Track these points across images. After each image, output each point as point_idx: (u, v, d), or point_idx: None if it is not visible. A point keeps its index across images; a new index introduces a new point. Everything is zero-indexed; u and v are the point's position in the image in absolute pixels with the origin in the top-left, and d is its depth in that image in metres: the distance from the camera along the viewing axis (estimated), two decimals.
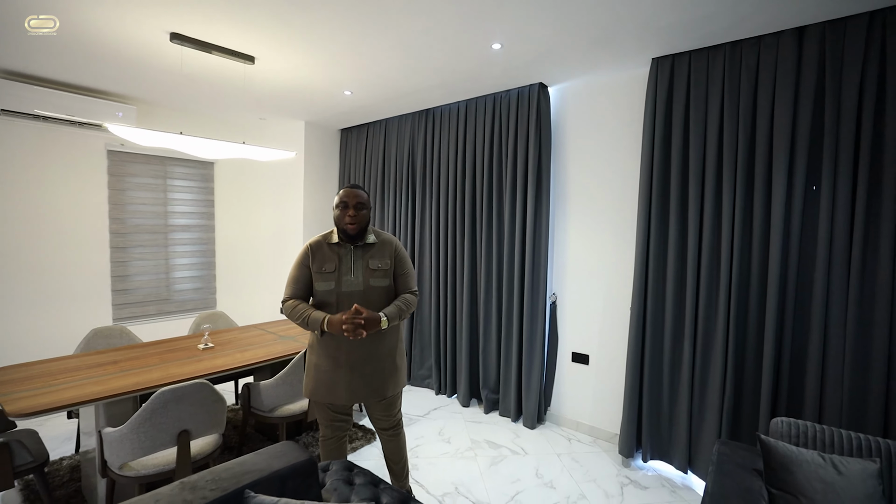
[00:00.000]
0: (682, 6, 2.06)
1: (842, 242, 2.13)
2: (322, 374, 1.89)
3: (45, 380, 2.08)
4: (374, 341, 1.90)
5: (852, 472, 1.50)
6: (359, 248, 1.94)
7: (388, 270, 1.96)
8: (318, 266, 1.91)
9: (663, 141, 2.65)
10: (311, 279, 1.92)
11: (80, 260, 3.65)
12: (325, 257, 1.92)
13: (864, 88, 2.08)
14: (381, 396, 1.95)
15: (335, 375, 1.87)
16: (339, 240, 1.93)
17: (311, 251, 1.93)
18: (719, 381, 2.44)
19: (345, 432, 2.05)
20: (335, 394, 1.88)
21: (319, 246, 1.95)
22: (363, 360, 1.89)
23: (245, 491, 1.20)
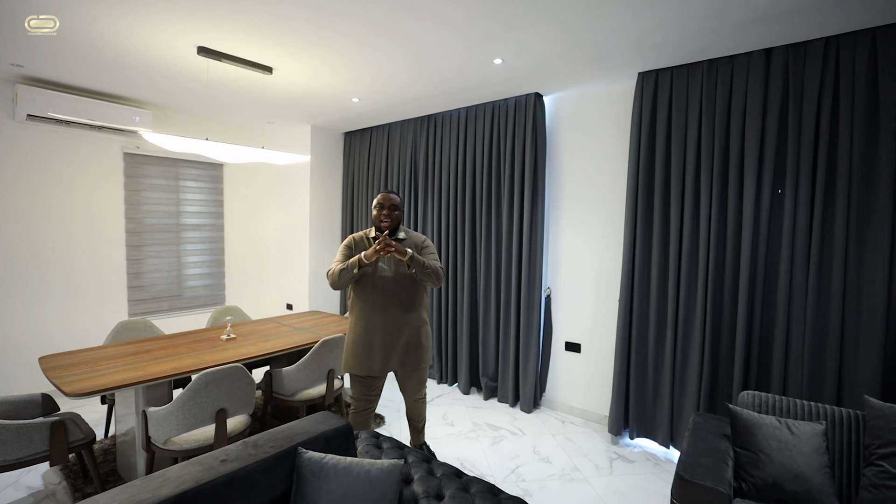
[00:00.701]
0: (665, 29, 2.33)
1: (802, 239, 2.42)
2: (359, 350, 2.26)
3: (90, 366, 2.28)
4: (404, 321, 2.28)
5: (803, 432, 1.78)
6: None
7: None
8: (355, 254, 2.23)
9: (648, 147, 2.93)
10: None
11: (99, 257, 3.82)
12: (365, 248, 2.28)
13: (821, 104, 2.37)
14: (409, 367, 2.34)
15: (371, 350, 2.25)
16: (375, 235, 2.29)
17: (354, 242, 2.33)
18: (697, 363, 2.72)
19: (373, 406, 2.40)
20: (371, 366, 2.26)
21: (361, 239, 2.34)
22: (393, 338, 2.26)
23: (297, 448, 1.43)
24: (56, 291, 3.60)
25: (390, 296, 2.25)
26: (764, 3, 2.04)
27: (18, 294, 3.42)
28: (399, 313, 2.27)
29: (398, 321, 2.26)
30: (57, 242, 3.59)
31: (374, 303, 2.25)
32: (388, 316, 2.25)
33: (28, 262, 3.46)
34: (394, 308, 2.26)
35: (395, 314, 2.26)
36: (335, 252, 4.99)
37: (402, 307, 2.27)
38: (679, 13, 2.15)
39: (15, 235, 3.39)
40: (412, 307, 2.30)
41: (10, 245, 3.37)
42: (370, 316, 2.26)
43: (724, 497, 1.56)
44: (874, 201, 2.25)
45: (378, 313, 2.25)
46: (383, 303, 2.25)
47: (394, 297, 2.26)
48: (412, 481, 1.50)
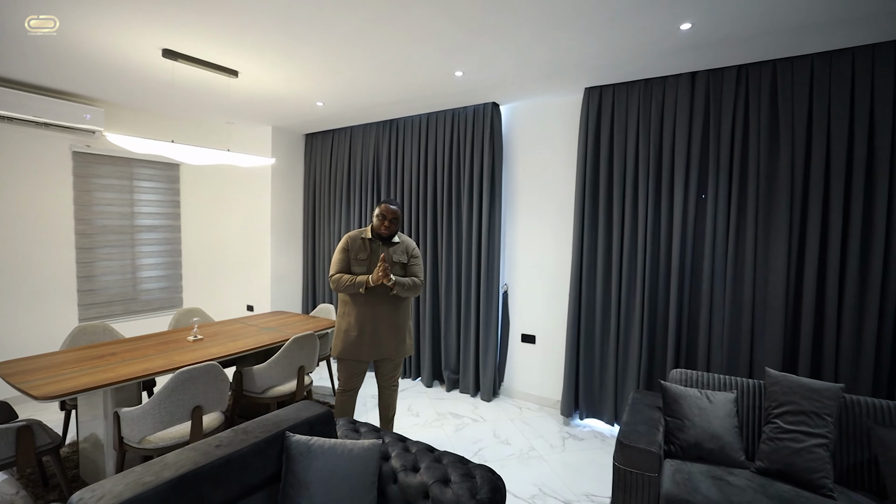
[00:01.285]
0: (607, 54, 2.62)
1: (721, 237, 2.81)
2: (351, 338, 2.52)
3: (53, 370, 2.25)
4: (391, 316, 2.55)
5: (718, 401, 2.11)
6: (386, 245, 2.58)
7: (405, 264, 2.61)
8: (354, 254, 2.54)
9: (593, 155, 3.24)
10: (349, 263, 2.54)
11: (46, 260, 3.66)
12: (359, 248, 2.54)
13: (735, 122, 2.77)
14: (391, 357, 2.60)
15: (361, 338, 2.51)
16: (371, 237, 2.56)
17: (350, 241, 2.57)
18: (637, 348, 3.07)
19: (358, 386, 2.64)
20: (361, 352, 2.52)
21: (355, 239, 2.58)
22: (382, 331, 2.54)
23: (285, 432, 1.56)
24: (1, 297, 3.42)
25: (381, 294, 2.51)
26: (686, 37, 2.38)
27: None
28: (387, 311, 2.54)
29: (386, 317, 2.54)
30: (1, 244, 3.41)
31: (367, 300, 2.50)
32: (378, 312, 2.52)
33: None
34: (383, 304, 2.53)
35: (384, 311, 2.53)
36: (298, 252, 5.03)
37: (391, 305, 2.55)
38: (618, 41, 2.45)
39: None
40: (398, 307, 2.59)
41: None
42: (362, 309, 2.51)
43: (655, 456, 1.85)
44: (776, 204, 2.66)
45: (370, 308, 2.51)
46: (375, 299, 2.51)
47: (384, 295, 2.51)
48: (390, 458, 1.67)
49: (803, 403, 1.96)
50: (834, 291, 2.52)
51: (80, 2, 2.10)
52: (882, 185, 2.41)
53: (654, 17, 2.19)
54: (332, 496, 1.45)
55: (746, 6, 2.05)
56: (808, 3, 2.02)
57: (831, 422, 1.90)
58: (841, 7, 2.05)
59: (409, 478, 1.58)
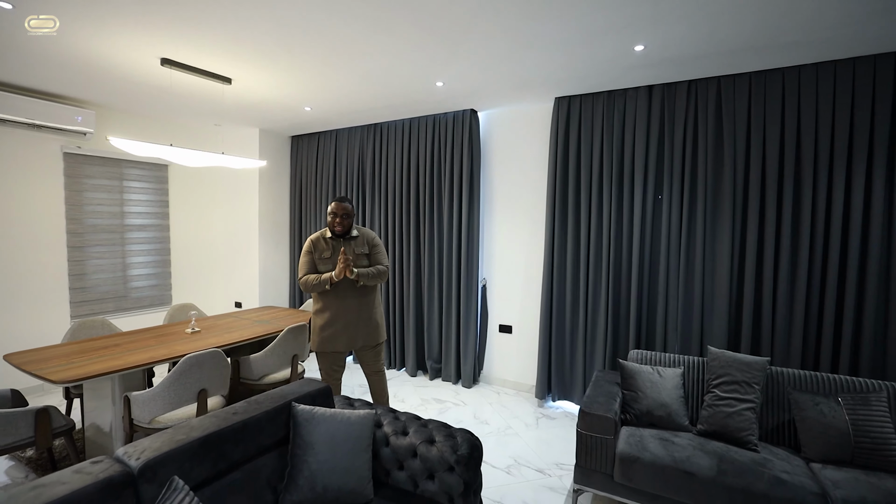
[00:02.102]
0: (573, 68, 2.92)
1: (675, 233, 3.15)
2: (327, 332, 2.67)
3: (62, 360, 2.41)
4: (361, 306, 2.70)
5: (667, 375, 2.43)
6: (346, 240, 2.73)
7: (367, 254, 2.77)
8: (318, 254, 2.68)
9: (563, 159, 3.55)
10: (314, 264, 2.69)
11: (38, 259, 3.75)
12: (323, 248, 2.69)
13: (686, 131, 3.11)
14: (368, 344, 2.77)
15: (336, 331, 2.66)
16: (331, 235, 2.71)
17: (313, 244, 2.71)
18: (603, 334, 3.39)
19: (339, 376, 2.82)
20: (337, 343, 2.67)
21: (318, 240, 2.72)
22: (355, 320, 2.70)
23: (291, 403, 1.79)
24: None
25: (349, 288, 2.67)
26: (640, 56, 2.69)
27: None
28: (357, 300, 2.70)
29: (357, 305, 2.70)
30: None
31: (337, 293, 2.66)
32: (348, 303, 2.68)
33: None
34: (352, 296, 2.69)
35: (354, 301, 2.69)
36: (285, 251, 5.20)
37: (359, 297, 2.71)
38: (581, 59, 2.75)
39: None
40: (366, 293, 2.75)
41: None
42: (334, 303, 2.66)
43: (611, 422, 2.15)
44: (721, 205, 3.01)
45: (340, 301, 2.67)
46: (344, 293, 2.67)
47: (351, 289, 2.68)
48: (382, 425, 1.92)
49: (736, 374, 2.29)
50: (769, 281, 2.88)
51: (83, 12, 2.27)
52: (807, 188, 2.78)
53: (610, 41, 2.49)
54: (333, 455, 1.69)
55: (690, 32, 2.37)
56: (741, 30, 2.35)
57: (758, 389, 2.24)
58: (766, 35, 2.39)
59: (400, 440, 1.83)
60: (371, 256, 2.79)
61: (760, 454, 2.08)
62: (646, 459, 2.07)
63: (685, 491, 1.97)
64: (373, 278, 2.69)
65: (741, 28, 2.31)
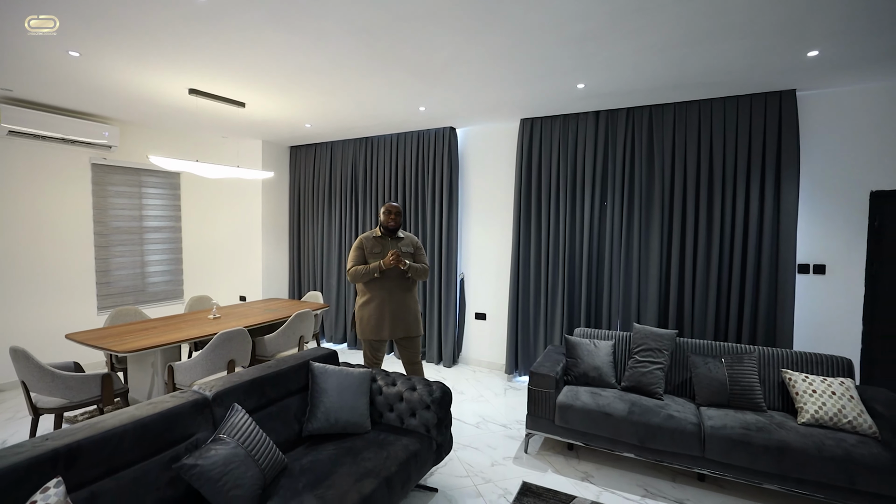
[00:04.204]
0: (532, 97, 3.56)
1: (617, 233, 3.82)
2: (372, 321, 2.98)
3: (117, 338, 2.97)
4: (403, 298, 3.03)
5: (601, 346, 3.09)
6: (394, 240, 3.09)
7: (412, 254, 3.12)
8: (369, 251, 3.01)
9: (527, 170, 4.20)
10: (364, 258, 3.02)
11: (69, 257, 4.27)
12: (373, 244, 3.04)
13: (626, 150, 3.78)
14: (408, 335, 3.07)
15: (381, 320, 2.98)
16: (380, 234, 3.08)
17: (364, 240, 3.05)
18: (559, 318, 4.05)
19: (380, 363, 3.13)
20: (382, 332, 2.99)
21: (368, 238, 3.07)
22: (398, 311, 3.01)
23: (309, 362, 2.40)
24: (33, 288, 4.02)
25: (395, 281, 2.98)
26: (582, 91, 3.35)
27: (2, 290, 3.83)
28: (401, 294, 3.01)
29: (401, 298, 3.01)
30: (32, 244, 4.02)
31: (384, 286, 2.97)
32: (393, 296, 2.98)
33: (7, 263, 3.86)
34: (397, 289, 3.00)
35: (399, 295, 3.00)
36: (285, 249, 5.77)
37: (403, 290, 3.02)
38: (537, 91, 3.40)
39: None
40: (409, 290, 3.07)
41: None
42: (380, 294, 2.97)
43: (553, 379, 2.80)
44: (652, 209, 3.69)
45: (386, 294, 2.97)
46: (390, 286, 2.98)
47: (397, 282, 2.99)
48: (377, 380, 2.53)
49: (651, 343, 2.96)
50: (689, 271, 3.57)
51: (127, 52, 2.84)
52: (717, 198, 3.47)
53: (558, 80, 3.15)
54: (341, 397, 2.30)
55: (616, 75, 3.04)
56: (655, 74, 3.02)
57: (667, 354, 2.91)
58: (675, 77, 3.06)
59: (390, 389, 2.45)
60: (415, 256, 3.13)
61: (663, 401, 2.74)
62: (577, 406, 2.72)
63: (604, 427, 2.63)
64: (419, 273, 3.03)
65: (655, 72, 2.97)
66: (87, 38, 2.52)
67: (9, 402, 3.64)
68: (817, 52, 2.60)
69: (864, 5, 2.09)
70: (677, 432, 2.47)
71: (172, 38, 2.51)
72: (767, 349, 2.85)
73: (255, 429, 1.86)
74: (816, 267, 3.35)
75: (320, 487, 1.78)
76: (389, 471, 1.95)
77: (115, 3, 2.13)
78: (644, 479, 2.62)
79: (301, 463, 1.97)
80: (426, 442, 2.26)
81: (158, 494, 1.59)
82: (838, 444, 2.22)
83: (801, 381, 2.58)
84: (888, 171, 3.15)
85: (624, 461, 2.81)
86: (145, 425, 1.63)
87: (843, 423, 2.35)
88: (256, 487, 1.70)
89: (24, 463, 1.33)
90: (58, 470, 1.38)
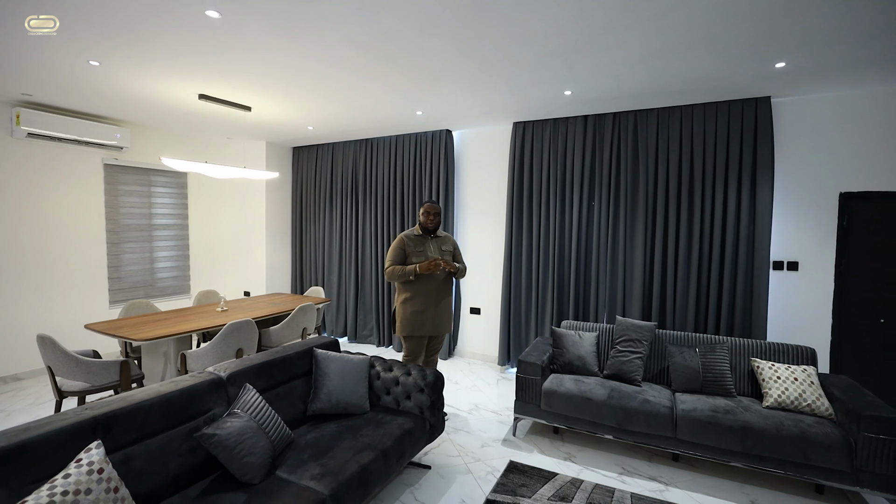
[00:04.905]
0: (523, 102, 3.77)
1: (604, 231, 4.03)
2: (415, 318, 3.08)
3: (133, 328, 3.18)
4: (444, 298, 3.16)
5: (585, 337, 3.30)
6: (433, 239, 3.21)
7: (451, 252, 3.27)
8: (412, 249, 3.11)
9: (519, 172, 4.41)
10: (405, 257, 3.11)
11: (83, 253, 4.47)
12: (417, 244, 3.14)
13: (612, 152, 3.98)
14: (445, 331, 3.22)
15: (424, 318, 3.09)
16: (420, 233, 3.19)
17: (405, 239, 3.14)
18: (549, 311, 4.26)
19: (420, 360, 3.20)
20: (424, 328, 3.10)
21: (409, 236, 3.16)
22: (439, 309, 3.14)
23: (313, 349, 2.61)
24: (50, 282, 4.23)
25: (439, 282, 3.12)
26: (569, 98, 3.55)
27: (17, 285, 4.04)
28: (443, 293, 3.15)
29: (442, 299, 3.15)
30: (50, 241, 4.22)
31: (429, 286, 3.08)
32: (437, 295, 3.11)
33: (25, 258, 4.07)
34: (441, 290, 3.13)
35: (441, 294, 3.14)
36: (287, 246, 5.97)
37: (445, 289, 3.17)
38: (528, 97, 3.60)
39: (13, 235, 4.00)
40: (448, 291, 3.21)
41: (9, 243, 3.98)
42: (424, 294, 3.07)
43: (539, 367, 3.01)
44: (637, 209, 3.90)
45: (432, 293, 3.09)
46: (435, 286, 3.09)
47: (441, 283, 3.13)
48: (375, 366, 2.74)
49: (632, 334, 3.17)
50: (672, 267, 3.78)
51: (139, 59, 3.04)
52: (697, 198, 3.67)
53: (545, 88, 3.35)
54: (342, 381, 2.51)
55: (601, 84, 3.24)
56: (637, 82, 3.22)
57: (646, 344, 3.12)
58: (657, 85, 3.27)
59: (387, 374, 2.66)
60: (455, 256, 3.28)
61: (641, 387, 2.95)
62: (561, 392, 2.93)
63: (586, 411, 2.84)
64: (461, 272, 3.20)
65: (635, 81, 3.18)
66: (107, 49, 2.72)
67: (28, 389, 3.86)
68: (784, 63, 2.80)
69: (822, 22, 2.28)
70: (652, 415, 2.68)
71: (186, 49, 2.71)
72: (739, 340, 3.06)
73: (265, 406, 2.07)
74: (790, 264, 3.55)
75: (324, 458, 1.99)
76: (385, 445, 2.16)
77: (136, 19, 2.33)
78: (622, 459, 2.83)
79: (306, 438, 2.18)
80: (420, 422, 2.47)
81: (181, 460, 1.80)
82: (796, 424, 2.43)
83: (768, 368, 2.79)
84: (856, 173, 3.35)
85: (604, 443, 3.03)
86: (169, 399, 1.84)
87: (803, 406, 2.56)
88: (267, 456, 1.91)
89: (70, 427, 1.54)
90: (97, 434, 1.59)
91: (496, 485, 2.52)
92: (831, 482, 2.33)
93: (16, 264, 4.02)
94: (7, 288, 3.98)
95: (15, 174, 3.99)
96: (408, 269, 3.02)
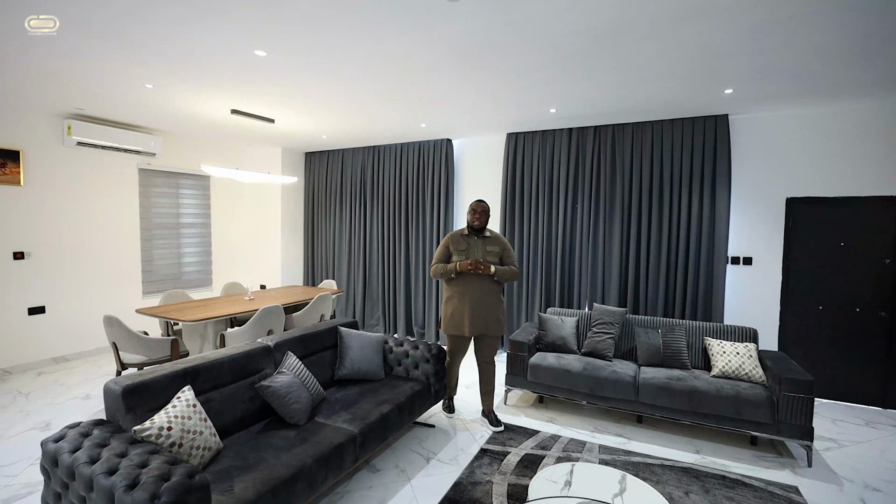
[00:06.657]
0: (515, 116, 4.31)
1: (587, 231, 4.57)
2: (455, 317, 3.15)
3: (179, 312, 3.70)
4: (483, 300, 3.11)
5: (567, 321, 3.84)
6: (480, 239, 3.21)
7: (498, 253, 3.20)
8: (454, 248, 3.18)
9: (512, 178, 4.95)
10: (449, 255, 3.20)
11: (120, 249, 4.99)
12: (459, 243, 3.19)
13: (594, 161, 4.53)
14: (486, 334, 3.16)
15: (460, 319, 3.14)
16: (468, 232, 3.23)
17: (451, 239, 3.22)
18: (538, 300, 4.80)
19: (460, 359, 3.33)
20: (463, 328, 3.13)
21: (455, 236, 3.23)
22: (477, 311, 3.11)
23: (338, 327, 3.14)
24: (93, 275, 4.75)
25: (475, 282, 3.10)
26: (555, 114, 4.10)
27: (65, 277, 4.55)
28: (480, 294, 3.10)
29: (479, 299, 3.10)
30: (94, 239, 4.74)
31: (468, 285, 3.10)
32: (476, 296, 3.09)
33: (72, 254, 4.59)
34: (477, 290, 3.10)
35: (478, 294, 3.10)
36: (300, 244, 6.50)
37: (484, 289, 3.11)
38: (519, 113, 4.14)
39: (63, 234, 4.51)
40: (491, 290, 3.14)
41: (59, 241, 4.49)
42: (464, 294, 3.10)
43: (525, 345, 3.55)
44: (614, 212, 4.45)
45: (469, 293, 3.09)
46: (470, 285, 3.10)
47: (477, 284, 3.10)
48: (388, 342, 3.27)
49: (606, 318, 3.71)
50: (644, 261, 4.33)
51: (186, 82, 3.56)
52: (666, 202, 4.22)
53: (534, 106, 3.88)
54: (362, 353, 3.04)
55: (581, 103, 3.78)
56: (612, 101, 3.77)
57: (618, 327, 3.66)
58: (628, 104, 3.81)
59: (398, 348, 3.20)
60: (503, 258, 3.20)
61: (611, 362, 3.49)
62: (545, 365, 3.47)
63: (565, 380, 3.39)
64: (505, 274, 3.10)
65: (609, 103, 3.72)
66: (162, 74, 3.24)
67: (78, 368, 4.37)
68: (731, 90, 3.35)
69: (752, 64, 2.82)
70: (619, 382, 3.23)
71: (232, 77, 3.24)
72: (696, 322, 3.61)
73: (304, 368, 2.60)
74: (745, 259, 4.10)
75: (352, 408, 2.53)
76: (399, 400, 2.70)
77: (194, 53, 2.85)
78: (595, 422, 3.38)
79: (335, 396, 2.72)
80: (426, 386, 3.01)
81: (244, 406, 2.33)
82: (733, 387, 2.98)
83: (717, 345, 3.34)
84: (801, 180, 3.90)
85: (580, 409, 3.57)
86: (235, 359, 2.38)
87: (742, 374, 3.11)
88: (308, 405, 2.44)
89: (170, 375, 2.07)
90: (187, 381, 2.12)
91: (489, 439, 3.06)
92: (759, 433, 2.88)
93: (63, 259, 4.54)
94: (56, 280, 4.49)
95: (66, 179, 4.51)
96: (448, 267, 3.09)
